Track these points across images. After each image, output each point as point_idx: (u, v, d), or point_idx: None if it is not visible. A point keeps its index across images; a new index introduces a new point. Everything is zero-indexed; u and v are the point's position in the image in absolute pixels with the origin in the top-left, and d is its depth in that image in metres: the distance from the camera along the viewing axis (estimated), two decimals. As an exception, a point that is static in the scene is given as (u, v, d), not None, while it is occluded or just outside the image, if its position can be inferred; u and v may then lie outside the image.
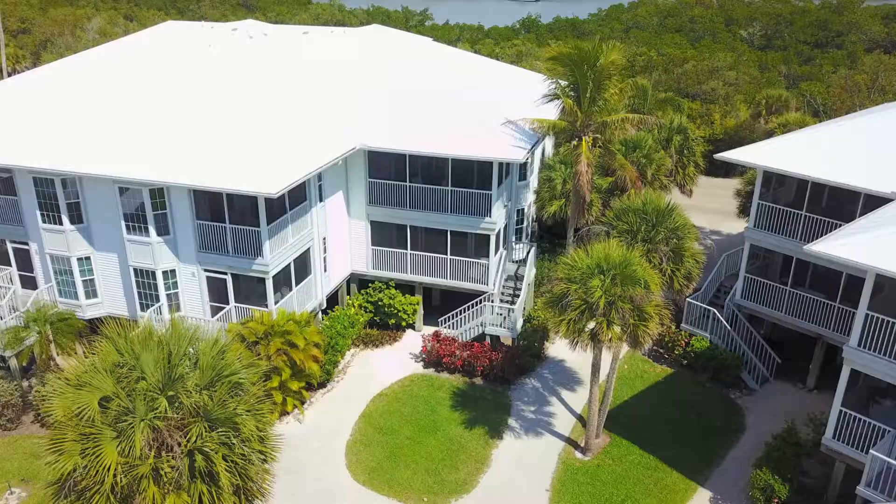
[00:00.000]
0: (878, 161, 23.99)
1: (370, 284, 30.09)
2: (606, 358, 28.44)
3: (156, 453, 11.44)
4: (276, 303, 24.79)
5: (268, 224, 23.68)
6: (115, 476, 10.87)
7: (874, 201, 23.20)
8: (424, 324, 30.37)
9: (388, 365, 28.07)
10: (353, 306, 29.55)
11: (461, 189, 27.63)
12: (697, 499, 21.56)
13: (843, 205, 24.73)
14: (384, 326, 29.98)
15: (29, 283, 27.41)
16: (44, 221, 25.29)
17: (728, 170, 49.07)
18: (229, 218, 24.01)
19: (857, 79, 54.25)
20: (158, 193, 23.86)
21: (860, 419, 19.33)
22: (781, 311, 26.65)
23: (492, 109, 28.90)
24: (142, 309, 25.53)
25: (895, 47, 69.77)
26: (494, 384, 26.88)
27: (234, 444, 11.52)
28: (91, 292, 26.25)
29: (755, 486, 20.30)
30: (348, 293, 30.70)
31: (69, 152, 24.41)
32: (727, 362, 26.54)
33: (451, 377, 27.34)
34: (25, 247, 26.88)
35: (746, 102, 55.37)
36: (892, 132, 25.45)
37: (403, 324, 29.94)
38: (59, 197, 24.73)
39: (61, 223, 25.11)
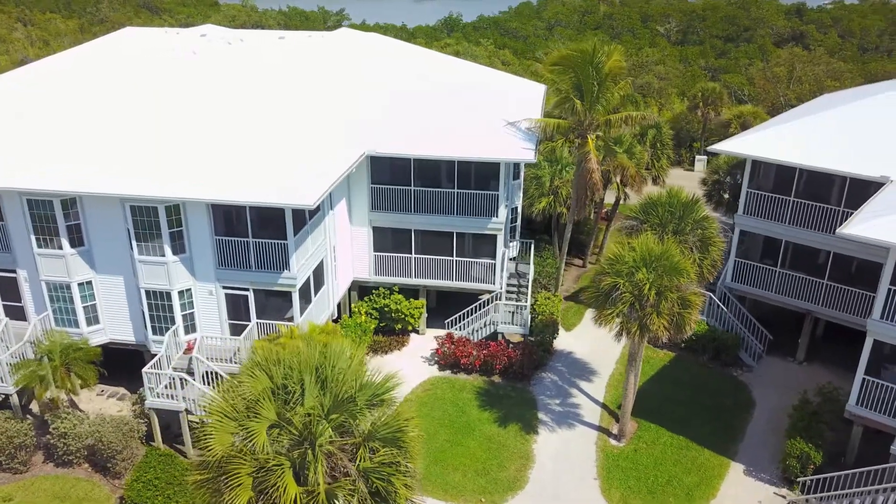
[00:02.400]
0: (856, 147, 26.01)
1: (373, 291, 29.85)
2: (615, 348, 29.72)
3: (327, 478, 11.12)
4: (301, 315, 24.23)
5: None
6: (299, 506, 10.52)
7: (858, 184, 25.31)
8: (426, 326, 30.46)
9: (403, 370, 27.76)
10: (361, 313, 29.22)
11: (469, 191, 27.84)
12: (733, 472, 22.89)
13: (823, 189, 26.69)
14: (388, 332, 29.82)
15: (15, 313, 25.43)
16: (39, 246, 23.55)
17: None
18: (252, 232, 23.23)
19: (777, 71, 58.40)
20: (174, 210, 22.77)
21: (881, 385, 21.13)
22: (771, 291, 28.49)
23: (487, 110, 29.32)
24: (154, 332, 24.26)
25: (796, 41, 75.45)
26: (513, 381, 27.35)
27: (398, 462, 11.38)
28: (92, 318, 24.70)
29: (791, 455, 21.77)
30: (349, 300, 30.32)
31: (68, 170, 22.86)
32: (727, 343, 28.15)
33: (468, 378, 27.59)
34: (12, 275, 24.92)
35: (679, 95, 58.36)
36: (864, 120, 27.62)
37: (409, 328, 29.90)
38: (59, 219, 23.11)
39: (60, 247, 23.49)
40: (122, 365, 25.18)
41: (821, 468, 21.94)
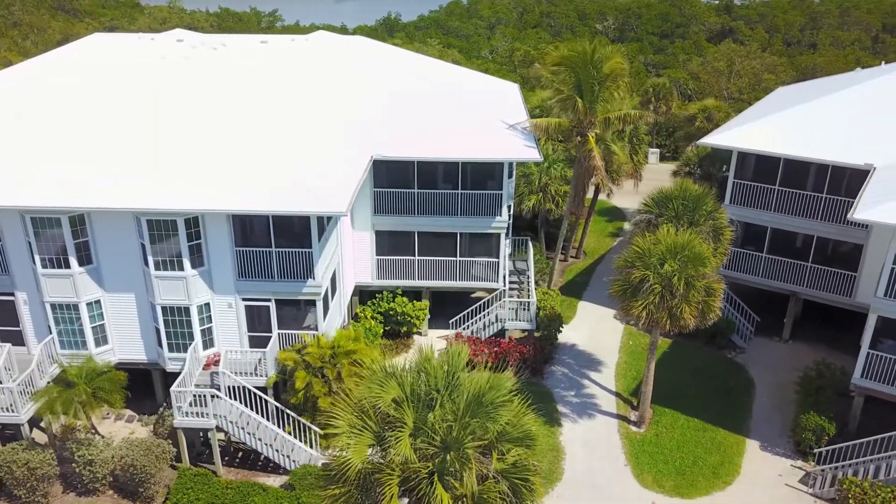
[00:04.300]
0: (837, 137, 27.72)
1: (375, 295, 29.76)
2: (614, 338, 30.74)
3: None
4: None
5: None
6: (449, 511, 10.57)
7: (839, 172, 27.09)
8: (427, 328, 30.60)
9: (415, 372, 28.02)
10: (367, 318, 29.08)
11: (472, 191, 28.09)
12: (750, 449, 24.15)
13: (806, 177, 28.34)
14: (391, 335, 29.80)
15: (12, 338, 24.00)
16: (44, 266, 22.37)
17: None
18: (275, 242, 22.80)
19: (717, 65, 61.22)
20: (193, 223, 22.09)
21: (885, 357, 22.76)
22: (758, 276, 30.07)
23: (484, 109, 29.77)
24: (170, 350, 23.45)
25: (727, 36, 79.23)
26: (526, 376, 27.85)
27: (527, 462, 11.60)
28: (101, 339, 23.66)
29: (806, 428, 23.14)
30: (351, 306, 30.10)
31: (76, 185, 21.82)
32: (721, 327, 29.46)
33: (481, 376, 27.87)
34: (10, 298, 23.55)
35: (628, 90, 60.23)
36: (839, 111, 29.37)
37: (414, 330, 29.96)
38: (66, 237, 22.01)
39: (68, 266, 22.38)
40: (127, 386, 24.17)
41: (832, 439, 23.44)
